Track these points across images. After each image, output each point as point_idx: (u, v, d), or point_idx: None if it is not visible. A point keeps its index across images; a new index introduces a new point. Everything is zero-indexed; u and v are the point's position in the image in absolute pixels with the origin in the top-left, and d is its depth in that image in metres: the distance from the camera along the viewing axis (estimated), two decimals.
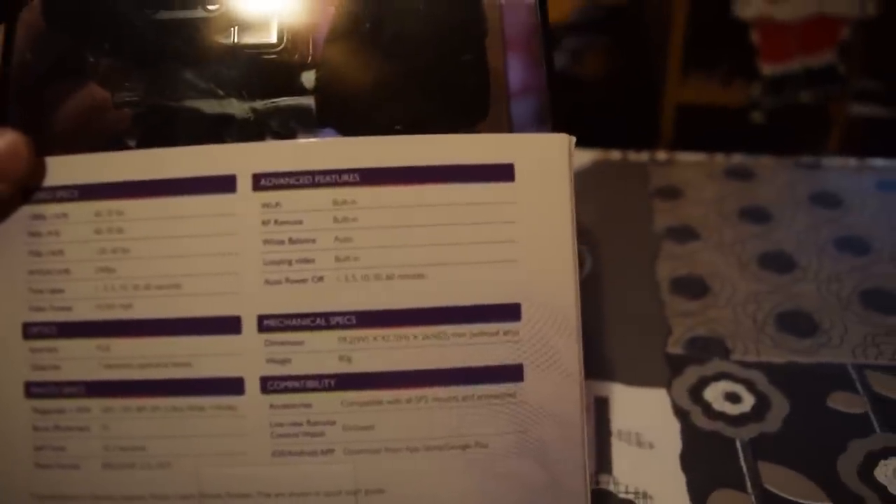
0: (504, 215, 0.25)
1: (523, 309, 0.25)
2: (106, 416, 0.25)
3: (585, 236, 0.48)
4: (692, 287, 0.44)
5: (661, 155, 0.55)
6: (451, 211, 0.24)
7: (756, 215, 0.50)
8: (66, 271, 0.25)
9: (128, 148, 0.26)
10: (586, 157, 0.55)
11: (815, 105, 1.01)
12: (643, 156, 0.55)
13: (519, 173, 0.25)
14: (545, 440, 0.25)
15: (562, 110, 0.26)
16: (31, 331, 0.25)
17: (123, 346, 0.25)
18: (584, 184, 0.53)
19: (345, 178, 0.24)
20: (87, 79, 0.27)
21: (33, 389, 0.25)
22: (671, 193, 0.52)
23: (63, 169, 0.25)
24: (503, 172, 0.25)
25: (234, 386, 0.24)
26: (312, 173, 0.24)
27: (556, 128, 0.25)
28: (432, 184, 0.24)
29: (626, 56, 1.06)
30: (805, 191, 0.52)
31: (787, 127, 0.99)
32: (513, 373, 0.25)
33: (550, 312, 0.25)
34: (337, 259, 0.24)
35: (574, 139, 0.25)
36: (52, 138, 0.26)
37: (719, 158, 0.55)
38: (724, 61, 1.02)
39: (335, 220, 0.24)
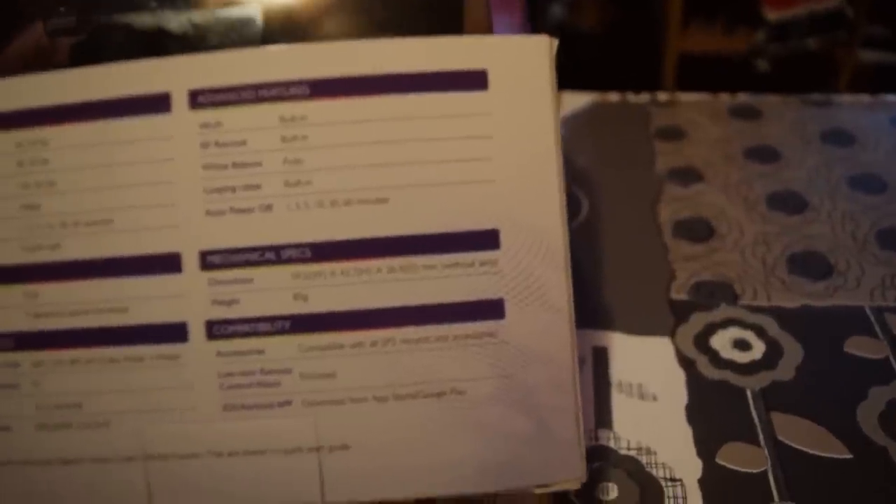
0: (477, 129, 0.21)
1: (502, 235, 0.22)
2: (37, 372, 0.22)
3: (582, 180, 0.45)
4: (696, 230, 0.41)
5: (663, 96, 0.52)
6: (416, 125, 0.21)
7: (764, 155, 0.46)
8: None
9: None
10: (583, 99, 0.52)
11: (822, 52, 0.97)
12: (643, 97, 0.52)
13: (493, 81, 0.22)
14: (530, 384, 0.22)
15: (540, 14, 0.23)
16: None
17: (53, 292, 0.22)
18: (581, 127, 0.49)
19: (293, 90, 0.21)
20: (22, 17, 0.24)
21: None
22: (673, 134, 0.48)
23: None
24: (475, 80, 0.22)
25: (176, 332, 0.22)
26: (256, 87, 0.21)
27: (536, 30, 0.22)
28: (393, 94, 0.21)
29: (626, 5, 1.02)
30: (815, 129, 0.49)
31: (792, 75, 0.95)
32: (492, 309, 0.22)
33: (533, 239, 0.22)
34: (287, 184, 0.21)
35: (556, 42, 0.22)
36: None
37: (724, 97, 0.52)
38: (726, 8, 0.97)
39: (283, 139, 0.21)
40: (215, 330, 0.22)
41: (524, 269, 0.22)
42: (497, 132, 0.22)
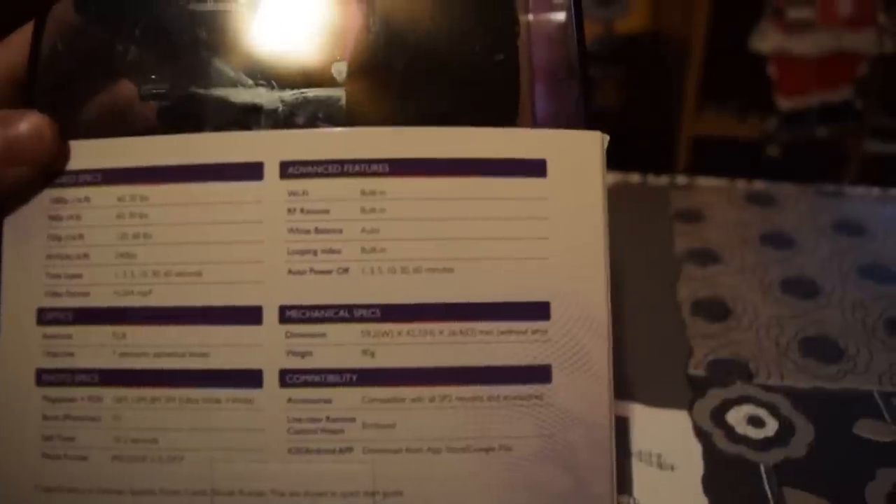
0: (535, 211, 0.24)
1: (553, 307, 0.24)
2: (118, 407, 0.24)
3: None
4: (714, 309, 0.43)
5: (681, 179, 0.55)
6: (482, 205, 0.24)
7: (778, 241, 0.49)
8: (86, 256, 0.25)
9: None
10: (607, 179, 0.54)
11: (831, 140, 1.01)
12: (663, 179, 0.55)
13: (551, 169, 0.24)
14: (572, 444, 0.24)
15: (593, 108, 0.25)
16: (47, 316, 0.24)
17: (140, 334, 0.24)
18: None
19: (374, 167, 0.24)
20: (115, 75, 0.27)
21: (45, 377, 0.24)
22: (692, 217, 0.51)
23: (87, 153, 0.25)
24: (535, 168, 0.24)
25: (252, 378, 0.24)
26: (341, 162, 0.24)
27: (589, 125, 0.25)
28: (463, 176, 0.24)
29: (643, 87, 1.06)
30: (827, 218, 0.51)
31: (802, 161, 0.99)
32: (540, 374, 0.24)
33: (580, 312, 0.24)
34: (363, 250, 0.24)
35: (607, 137, 0.25)
36: (78, 133, 0.26)
37: (740, 184, 0.54)
38: (739, 93, 1.01)
39: (363, 210, 0.24)
40: (288, 378, 0.24)
41: (571, 338, 0.24)
42: (552, 214, 0.24)
